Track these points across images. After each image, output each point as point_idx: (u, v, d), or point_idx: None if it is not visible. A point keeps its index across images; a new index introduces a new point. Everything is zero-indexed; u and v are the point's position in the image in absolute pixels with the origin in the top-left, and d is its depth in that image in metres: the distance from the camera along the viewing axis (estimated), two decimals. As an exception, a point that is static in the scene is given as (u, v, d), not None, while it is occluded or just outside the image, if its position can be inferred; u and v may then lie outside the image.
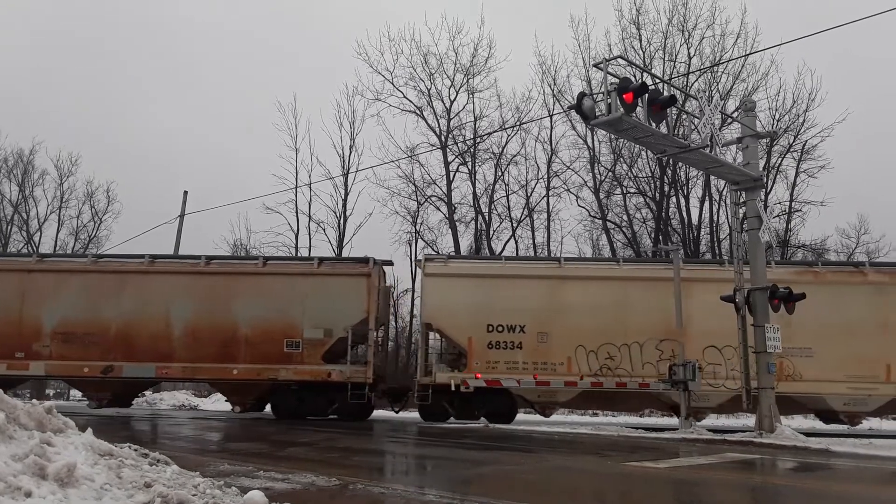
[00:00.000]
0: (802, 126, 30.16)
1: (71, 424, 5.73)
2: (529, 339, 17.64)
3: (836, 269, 18.72)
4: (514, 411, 18.42)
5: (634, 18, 31.79)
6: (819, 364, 16.58)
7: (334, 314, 18.11)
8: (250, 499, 4.92)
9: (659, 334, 17.48)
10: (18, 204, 40.16)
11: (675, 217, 32.42)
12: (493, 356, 17.61)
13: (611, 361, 17.44)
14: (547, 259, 20.59)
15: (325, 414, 18.25)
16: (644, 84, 12.13)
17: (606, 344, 17.52)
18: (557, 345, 17.59)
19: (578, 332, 17.57)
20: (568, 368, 17.47)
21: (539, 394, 17.72)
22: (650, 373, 17.30)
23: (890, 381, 16.80)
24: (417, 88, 33.43)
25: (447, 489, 6.57)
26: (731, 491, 7.83)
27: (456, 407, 17.90)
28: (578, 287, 18.12)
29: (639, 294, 17.91)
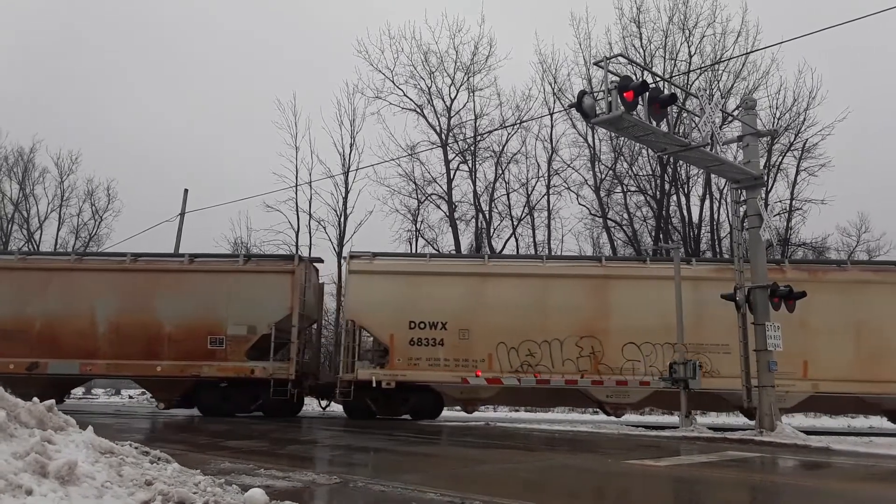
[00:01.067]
0: (803, 124, 30.15)
1: (72, 422, 5.74)
2: (451, 336, 17.67)
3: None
4: (439, 407, 18.48)
5: (635, 17, 31.77)
6: (737, 361, 16.53)
7: (258, 311, 18.17)
8: (251, 497, 4.93)
9: (579, 331, 17.57)
10: (19, 202, 40.17)
11: (676, 215, 32.41)
12: (415, 353, 17.64)
13: (531, 358, 17.49)
14: (473, 256, 20.68)
15: (248, 410, 18.32)
16: (645, 82, 12.13)
17: (527, 341, 17.55)
18: (478, 341, 17.64)
19: (499, 329, 17.61)
20: (489, 365, 17.52)
21: (461, 390, 17.78)
22: (570, 369, 17.39)
23: (807, 378, 16.90)
24: (418, 86, 33.41)
25: (448, 487, 6.57)
26: (731, 489, 7.84)
27: (379, 403, 17.94)
28: (501, 284, 18.19)
29: (560, 291, 18.00)
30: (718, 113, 16.25)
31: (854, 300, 17.06)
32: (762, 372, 14.48)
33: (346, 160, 33.79)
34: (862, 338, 16.81)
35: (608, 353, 17.35)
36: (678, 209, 32.20)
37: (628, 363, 17.31)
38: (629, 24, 31.85)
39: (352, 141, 33.96)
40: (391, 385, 17.49)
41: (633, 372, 17.29)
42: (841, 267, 18.64)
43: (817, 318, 16.97)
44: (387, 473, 7.56)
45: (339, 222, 33.57)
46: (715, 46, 30.92)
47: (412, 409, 18.11)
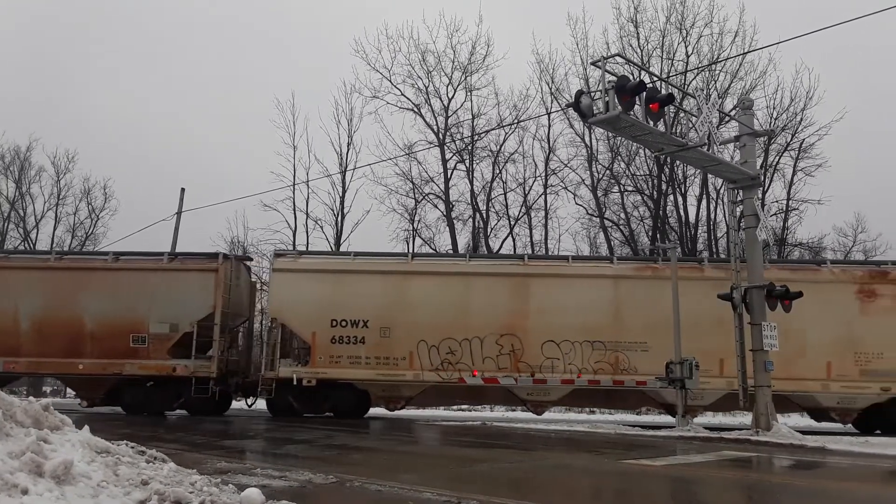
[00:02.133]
0: (800, 125, 30.16)
1: (68, 422, 5.73)
2: (372, 334, 17.65)
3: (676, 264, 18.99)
4: (364, 406, 18.48)
5: (632, 16, 31.76)
6: (654, 358, 16.72)
7: (181, 309, 18.16)
8: (247, 496, 4.92)
9: (499, 329, 17.60)
10: (15, 201, 40.03)
11: (673, 215, 32.42)
12: (337, 350, 17.65)
13: (451, 356, 17.50)
14: (397, 255, 20.71)
15: (171, 408, 18.32)
16: (642, 82, 12.15)
17: (448, 339, 17.55)
18: (400, 340, 17.62)
19: (421, 328, 17.60)
20: (409, 363, 17.53)
21: (383, 388, 17.78)
22: (490, 367, 17.44)
23: (723, 376, 16.92)
24: (415, 86, 33.37)
25: (444, 487, 6.57)
26: (727, 489, 7.86)
27: (301, 401, 17.91)
28: (423, 283, 18.19)
29: (482, 290, 18.02)
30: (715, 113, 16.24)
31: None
32: (758, 372, 14.49)
33: (343, 159, 33.80)
34: (779, 335, 16.86)
35: (528, 350, 17.39)
36: (675, 209, 32.25)
37: (548, 361, 17.36)
38: (626, 23, 31.88)
39: (349, 140, 33.96)
40: (312, 383, 17.51)
41: (553, 370, 17.34)
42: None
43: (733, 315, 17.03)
44: (383, 473, 7.56)
45: (336, 222, 33.58)
46: (712, 46, 30.95)
47: (333, 406, 18.09)
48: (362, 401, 18.29)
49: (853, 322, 16.92)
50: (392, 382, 17.61)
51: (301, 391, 17.69)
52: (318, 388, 17.67)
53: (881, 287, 17.23)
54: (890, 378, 16.73)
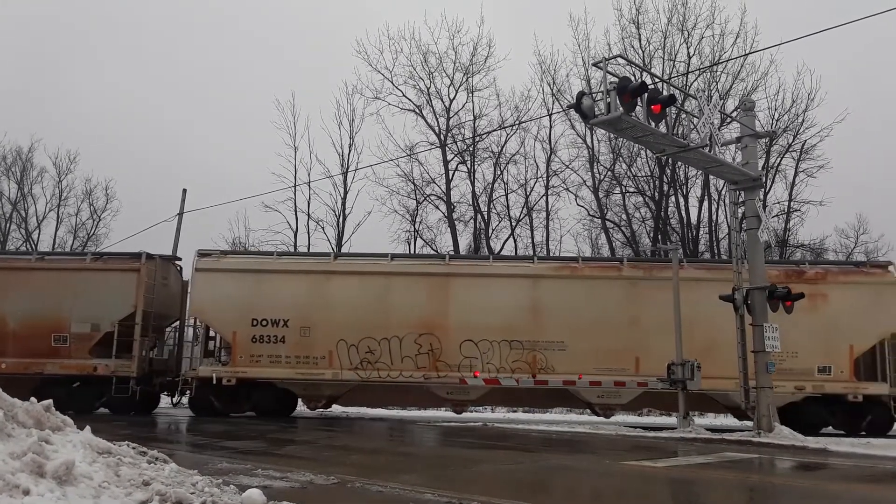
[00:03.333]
0: (801, 126, 30.13)
1: (69, 422, 5.74)
2: (292, 333, 17.66)
3: (593, 263, 19.05)
4: (289, 405, 18.49)
5: (634, 18, 31.75)
6: (571, 357, 16.80)
7: (103, 309, 18.18)
8: (249, 497, 4.92)
9: (418, 329, 17.60)
10: (17, 202, 40.09)
11: (675, 216, 32.39)
12: (257, 350, 17.67)
13: (370, 355, 17.52)
14: (319, 255, 20.75)
15: (93, 407, 18.29)
16: (643, 83, 12.14)
17: (367, 338, 17.56)
18: (319, 339, 17.64)
19: (341, 327, 17.62)
20: (329, 362, 17.54)
21: (304, 387, 17.82)
22: (409, 366, 17.46)
23: (639, 374, 16.97)
24: (417, 87, 33.37)
25: (446, 487, 6.57)
26: (729, 490, 7.85)
27: (223, 400, 17.86)
28: (344, 282, 18.20)
29: (403, 289, 18.04)
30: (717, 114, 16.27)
31: (686, 297, 16.97)
32: (760, 373, 14.47)
33: (344, 160, 33.81)
34: (693, 334, 16.73)
35: (446, 350, 17.39)
36: (677, 210, 32.22)
37: (466, 360, 17.38)
38: (628, 25, 31.87)
39: (350, 141, 33.97)
40: (232, 382, 17.52)
41: (471, 369, 17.36)
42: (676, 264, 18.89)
43: (650, 314, 17.13)
44: (384, 473, 7.56)
45: (337, 223, 33.59)
46: (714, 48, 30.94)
47: (255, 405, 18.10)
48: (286, 400, 18.30)
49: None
50: (312, 381, 17.66)
51: (222, 390, 17.66)
52: (239, 387, 17.69)
53: (796, 286, 16.85)
54: (804, 377, 16.70)
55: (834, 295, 17.11)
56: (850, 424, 16.84)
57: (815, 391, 16.63)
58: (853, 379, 16.82)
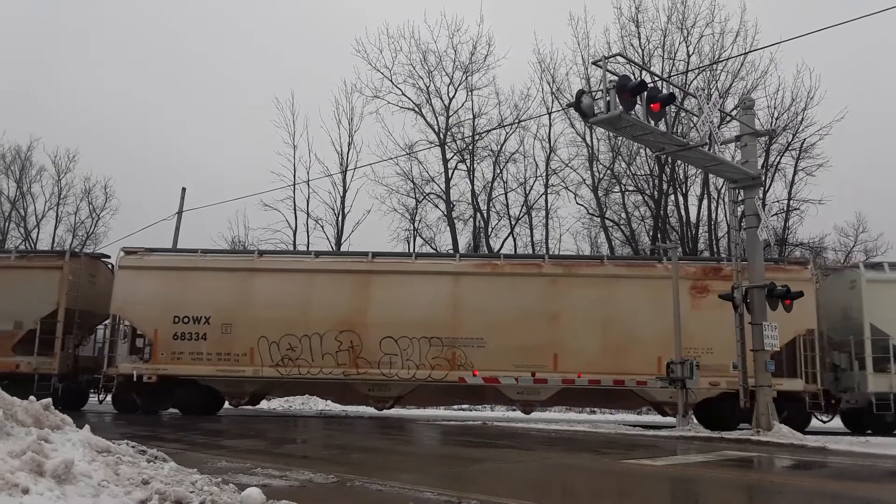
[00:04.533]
0: (801, 124, 30.14)
1: (69, 421, 5.74)
2: (213, 331, 17.72)
3: (514, 261, 19.12)
4: (212, 402, 18.47)
5: (633, 16, 31.76)
6: (490, 354, 16.90)
7: (26, 306, 18.28)
8: (248, 496, 4.92)
9: (339, 326, 17.66)
10: (16, 200, 40.12)
11: (674, 215, 32.41)
12: (179, 347, 17.70)
13: (291, 352, 17.57)
14: (244, 252, 20.83)
15: None
16: (643, 82, 12.12)
17: (288, 335, 17.62)
18: (241, 336, 17.71)
19: (262, 324, 17.66)
20: (250, 359, 17.61)
21: (226, 384, 17.85)
22: (329, 363, 17.50)
23: (557, 371, 17.04)
24: (416, 86, 33.39)
25: (445, 486, 6.57)
26: (728, 489, 7.85)
27: (146, 397, 17.90)
28: (266, 280, 18.26)
29: (324, 286, 18.10)
30: (717, 113, 16.21)
31: (605, 294, 17.28)
32: (759, 371, 14.46)
33: (343, 159, 33.83)
34: (611, 331, 16.98)
35: (367, 346, 17.47)
36: (676, 209, 32.24)
37: (386, 357, 17.44)
38: (628, 23, 31.88)
39: (350, 140, 34.00)
40: (152, 379, 17.56)
41: (391, 366, 17.40)
42: (595, 262, 19.05)
43: (569, 311, 17.25)
44: (384, 472, 7.56)
45: (336, 221, 33.61)
46: (713, 46, 30.95)
47: (178, 403, 18.16)
48: (209, 397, 18.27)
49: (684, 317, 16.79)
50: (233, 378, 17.69)
51: (144, 387, 17.69)
52: (160, 385, 17.70)
53: (714, 283, 17.20)
54: (719, 373, 16.70)
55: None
56: None
57: (730, 387, 16.62)
58: None
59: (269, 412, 20.78)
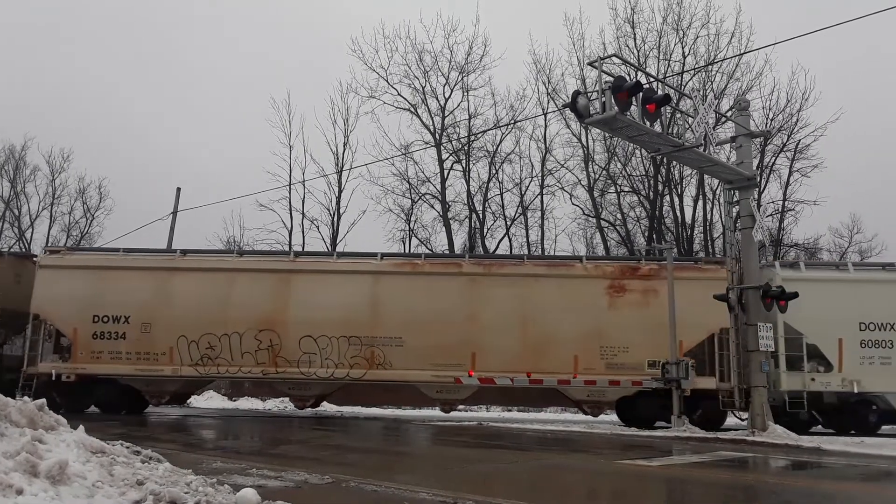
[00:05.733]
0: (796, 125, 30.17)
1: (63, 422, 5.71)
2: (133, 330, 17.65)
3: (435, 260, 19.14)
4: (134, 401, 18.34)
5: (629, 17, 31.77)
6: (408, 353, 17.00)
7: None
8: (243, 497, 4.91)
9: (258, 325, 17.66)
10: (10, 200, 39.96)
11: (669, 216, 32.43)
12: (98, 346, 17.66)
13: (211, 351, 17.56)
14: (166, 251, 20.81)
15: None
16: (638, 83, 12.15)
17: (207, 334, 17.58)
18: (160, 335, 17.65)
19: (181, 323, 17.62)
20: (170, 358, 17.56)
21: (146, 383, 17.82)
22: (249, 362, 17.54)
23: (475, 370, 17.08)
24: (412, 86, 33.34)
25: (440, 487, 6.56)
26: (723, 489, 7.86)
27: (64, 397, 17.73)
28: (187, 279, 18.20)
29: (245, 285, 18.08)
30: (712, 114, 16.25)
31: (525, 293, 17.33)
32: (754, 372, 14.51)
33: (339, 159, 33.75)
34: (530, 330, 17.05)
35: (286, 345, 17.46)
36: (671, 210, 32.26)
37: (305, 356, 17.44)
38: (623, 24, 31.89)
39: (345, 140, 33.91)
40: (71, 378, 17.51)
41: (310, 365, 17.42)
42: (516, 261, 19.09)
43: (488, 310, 17.29)
44: (379, 473, 7.55)
45: (332, 221, 33.53)
46: (709, 47, 30.97)
47: (98, 402, 18.11)
48: (130, 396, 18.17)
49: (601, 316, 17.01)
50: (152, 377, 17.66)
51: (65, 387, 17.62)
52: (80, 384, 17.64)
53: (631, 282, 17.33)
54: (635, 372, 16.81)
55: (666, 291, 17.12)
56: None
57: (646, 386, 16.75)
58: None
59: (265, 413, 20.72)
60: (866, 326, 16.54)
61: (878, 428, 16.40)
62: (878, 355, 16.42)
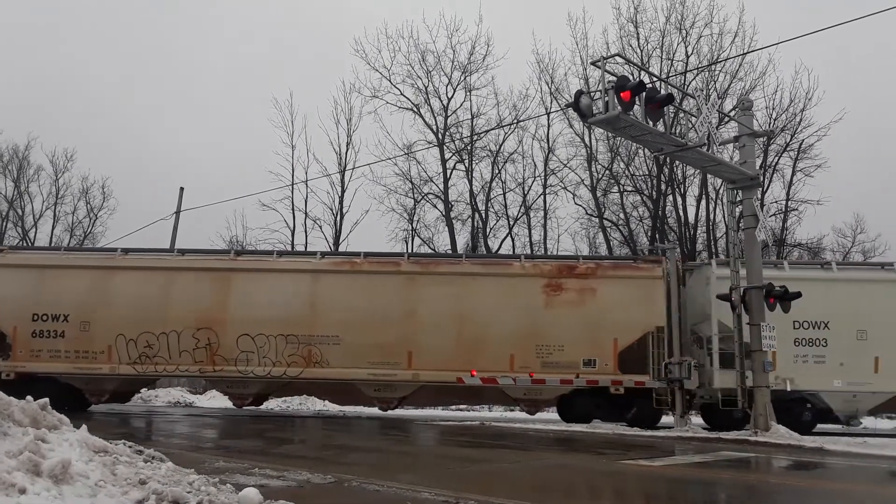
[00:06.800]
0: (799, 125, 30.17)
1: (66, 421, 5.73)
2: (72, 328, 17.71)
3: (374, 259, 19.02)
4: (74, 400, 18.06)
5: (632, 17, 31.77)
6: (346, 351, 17.06)
7: None
8: (245, 496, 4.91)
9: (197, 323, 17.66)
10: (14, 200, 40.08)
11: (672, 215, 32.44)
12: (38, 345, 17.71)
13: (149, 350, 17.59)
14: (107, 250, 20.92)
15: None
16: (641, 82, 12.13)
17: (146, 333, 17.60)
18: (99, 334, 17.70)
19: (120, 322, 17.66)
20: (108, 357, 17.61)
21: (85, 381, 17.86)
22: (186, 361, 17.56)
23: (412, 368, 17.14)
24: (415, 86, 33.38)
25: (443, 486, 6.56)
26: (725, 489, 7.86)
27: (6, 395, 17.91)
28: (127, 277, 18.24)
29: (184, 284, 18.10)
30: (715, 113, 16.20)
31: (462, 292, 17.34)
32: (757, 372, 14.45)
33: (342, 159, 33.80)
34: (465, 328, 17.06)
35: (224, 344, 17.47)
36: (674, 209, 32.26)
37: (242, 354, 17.48)
38: (626, 23, 31.89)
39: (348, 140, 33.97)
40: (10, 376, 17.51)
41: (248, 363, 17.45)
42: (454, 260, 19.13)
43: (425, 309, 17.32)
44: (381, 473, 7.55)
45: (334, 221, 33.60)
46: (712, 47, 30.96)
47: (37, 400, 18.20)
48: (71, 395, 17.93)
49: (537, 315, 16.98)
50: (90, 376, 17.70)
51: (4, 385, 17.14)
52: (20, 382, 17.40)
53: (567, 281, 17.31)
54: (570, 370, 16.80)
55: (602, 289, 17.23)
56: (616, 416, 17.04)
57: (577, 384, 16.78)
58: (617, 372, 16.91)
59: (267, 412, 20.75)
60: (800, 325, 16.48)
61: (813, 426, 16.35)
62: (812, 353, 16.43)
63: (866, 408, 17.03)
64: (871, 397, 16.70)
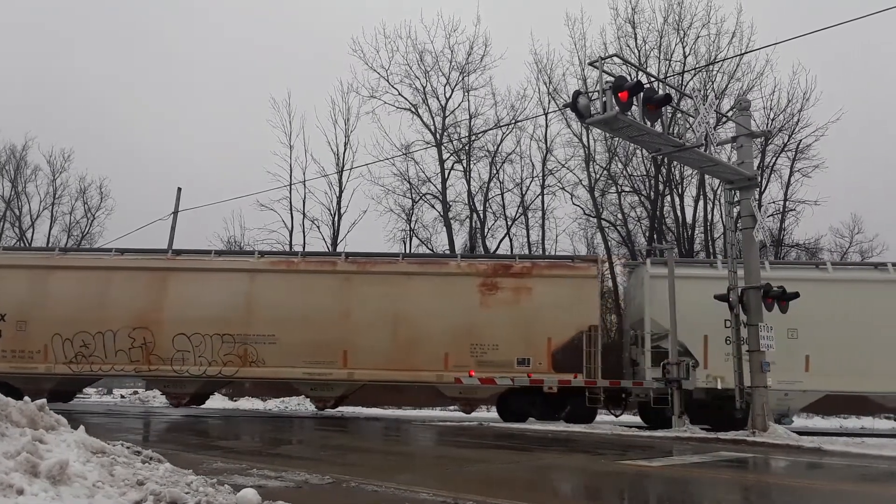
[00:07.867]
0: (797, 125, 30.18)
1: (63, 422, 5.72)
2: (9, 328, 17.87)
3: (310, 258, 19.25)
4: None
5: (630, 17, 31.76)
6: (281, 350, 17.25)
7: None
8: (243, 497, 4.90)
9: (133, 323, 17.79)
10: (11, 200, 40.01)
11: (670, 216, 32.44)
12: None
13: (85, 349, 17.69)
14: (44, 250, 21.17)
15: None
16: (639, 82, 12.13)
17: (82, 332, 17.74)
18: (35, 333, 17.83)
19: (56, 321, 17.78)
20: (44, 356, 17.76)
21: (23, 381, 17.81)
22: (122, 360, 17.68)
23: (346, 367, 17.30)
24: (413, 86, 33.36)
25: (441, 487, 6.56)
26: (723, 489, 7.86)
27: None
28: (65, 276, 18.34)
29: (121, 284, 18.23)
30: (713, 114, 16.24)
31: (398, 291, 17.51)
32: (755, 373, 14.47)
33: (340, 159, 33.78)
34: (401, 328, 17.23)
35: (160, 343, 17.63)
36: (672, 210, 32.25)
37: (178, 353, 17.61)
38: (624, 24, 31.88)
39: (346, 140, 33.95)
40: None
41: (183, 362, 17.56)
42: (391, 259, 19.20)
43: (360, 309, 17.48)
44: (379, 473, 7.54)
45: (332, 222, 33.58)
46: (709, 47, 30.96)
47: None
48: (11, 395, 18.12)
49: (472, 314, 17.12)
50: (28, 375, 17.73)
51: None
52: None
53: (503, 280, 17.49)
54: (504, 369, 16.90)
55: (538, 289, 17.35)
56: (551, 414, 17.15)
57: (515, 383, 16.86)
58: (551, 371, 17.02)
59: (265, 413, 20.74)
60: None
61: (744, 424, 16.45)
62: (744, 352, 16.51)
63: (797, 407, 17.19)
64: (802, 396, 16.86)
